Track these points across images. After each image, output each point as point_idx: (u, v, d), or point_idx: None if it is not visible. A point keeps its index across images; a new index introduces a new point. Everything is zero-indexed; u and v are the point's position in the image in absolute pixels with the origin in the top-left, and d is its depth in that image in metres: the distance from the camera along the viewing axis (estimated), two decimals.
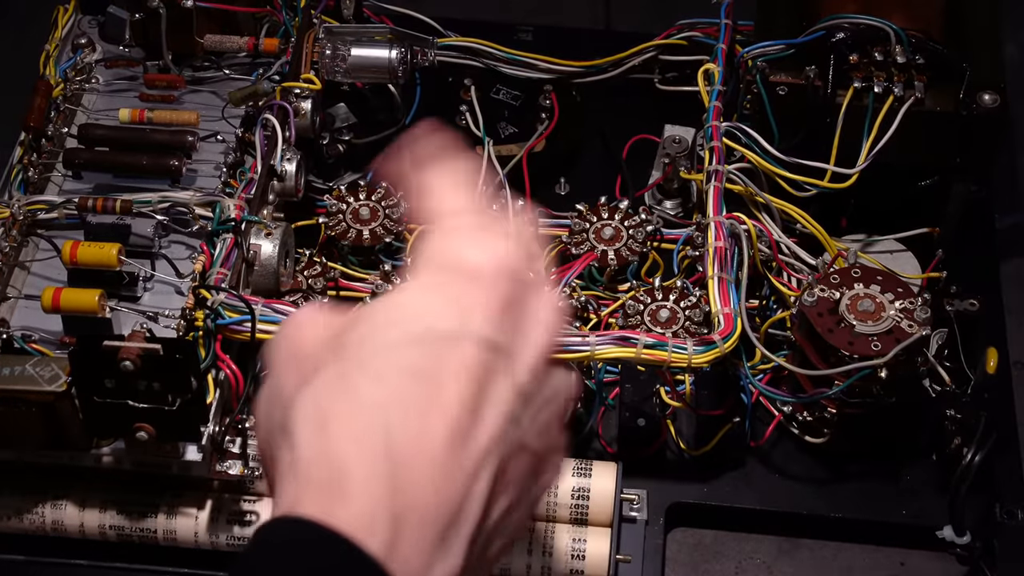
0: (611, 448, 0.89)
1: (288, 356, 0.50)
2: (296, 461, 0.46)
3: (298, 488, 0.46)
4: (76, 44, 0.97)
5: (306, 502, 0.45)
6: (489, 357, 0.48)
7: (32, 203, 0.87)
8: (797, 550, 0.88)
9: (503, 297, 0.50)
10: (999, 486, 0.85)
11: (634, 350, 0.79)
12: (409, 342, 0.48)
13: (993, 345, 0.86)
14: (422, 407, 0.47)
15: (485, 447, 0.47)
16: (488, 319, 0.49)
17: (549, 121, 1.02)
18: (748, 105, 0.93)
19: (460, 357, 0.48)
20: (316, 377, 0.48)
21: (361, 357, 0.48)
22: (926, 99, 0.90)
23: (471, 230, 0.52)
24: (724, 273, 0.85)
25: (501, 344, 0.49)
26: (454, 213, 0.53)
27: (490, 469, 0.48)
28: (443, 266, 0.51)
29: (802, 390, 0.86)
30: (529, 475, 0.52)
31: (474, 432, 0.47)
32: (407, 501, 0.45)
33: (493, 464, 0.48)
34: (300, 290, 0.92)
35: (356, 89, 1.03)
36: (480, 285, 0.50)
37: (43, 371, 0.76)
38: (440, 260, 0.51)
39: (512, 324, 0.50)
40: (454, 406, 0.47)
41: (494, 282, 0.50)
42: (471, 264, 0.50)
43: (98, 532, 0.83)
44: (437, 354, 0.48)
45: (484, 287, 0.50)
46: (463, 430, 0.47)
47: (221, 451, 0.80)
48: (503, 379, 0.49)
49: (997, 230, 0.99)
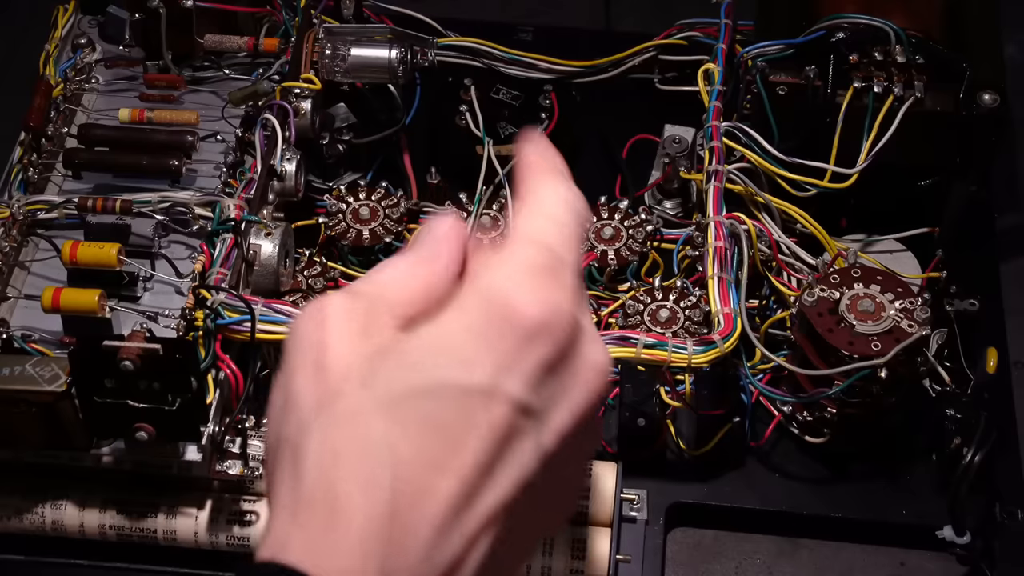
0: (611, 448, 0.89)
1: (313, 365, 0.45)
2: (298, 492, 0.44)
3: (293, 526, 0.43)
4: (76, 44, 0.97)
5: (297, 544, 0.43)
6: (519, 421, 0.44)
7: (32, 203, 0.87)
8: (797, 550, 0.88)
9: (548, 359, 0.45)
10: (999, 486, 0.85)
11: (634, 350, 0.79)
12: (437, 390, 0.44)
13: (993, 345, 0.86)
14: (436, 463, 0.43)
15: (492, 513, 0.44)
16: (526, 382, 0.44)
17: (549, 121, 1.02)
18: (748, 105, 0.93)
19: (488, 417, 0.44)
20: (337, 404, 0.44)
21: (387, 395, 0.44)
22: (926, 99, 0.90)
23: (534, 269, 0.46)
24: (724, 273, 0.85)
25: (535, 408, 0.45)
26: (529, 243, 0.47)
27: (491, 536, 0.44)
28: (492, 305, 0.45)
29: (802, 390, 0.86)
30: (532, 534, 0.49)
31: (483, 495, 0.44)
32: (399, 563, 0.42)
33: (495, 531, 0.44)
34: (300, 290, 0.92)
35: (356, 89, 1.03)
36: (526, 342, 0.44)
37: (43, 371, 0.76)
38: (490, 296, 0.45)
39: (551, 386, 0.45)
40: (468, 467, 0.43)
41: (542, 341, 0.45)
42: (522, 315, 0.45)
43: (98, 532, 0.83)
44: (464, 409, 0.44)
45: (533, 347, 0.44)
46: (472, 492, 0.43)
47: (221, 451, 0.80)
48: (528, 443, 0.45)
49: (997, 230, 0.99)
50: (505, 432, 0.44)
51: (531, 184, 0.49)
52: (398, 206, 0.97)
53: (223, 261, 0.83)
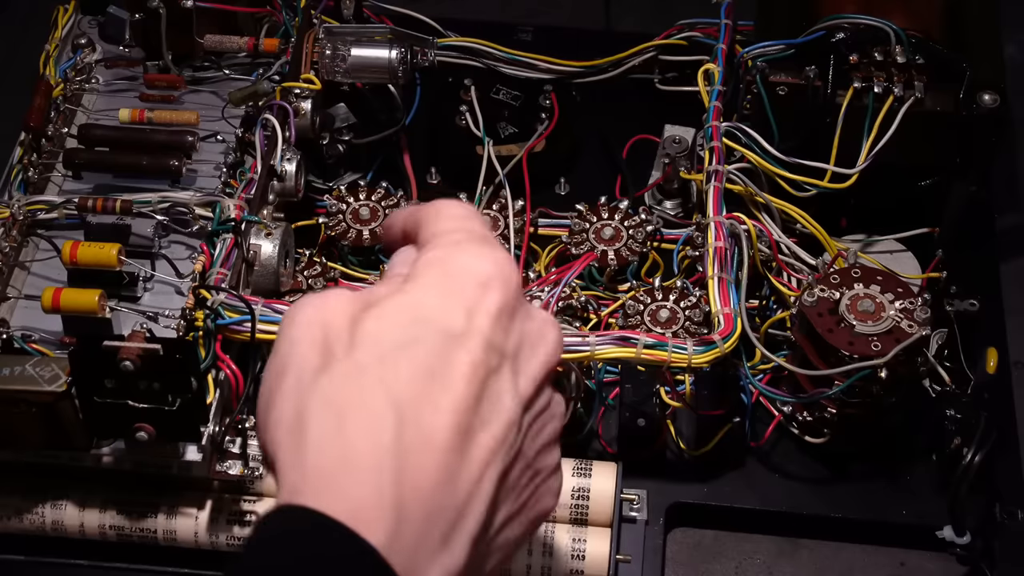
0: (611, 448, 0.89)
1: (314, 337, 0.50)
2: (304, 446, 0.47)
3: (304, 475, 0.46)
4: (76, 44, 0.97)
5: (309, 489, 0.46)
6: (493, 359, 0.50)
7: (32, 203, 0.87)
8: (797, 550, 0.88)
9: (507, 304, 0.52)
10: (999, 486, 0.85)
11: (634, 350, 0.79)
12: (422, 340, 0.49)
13: (993, 345, 0.86)
14: (431, 402, 0.48)
15: (490, 448, 0.48)
16: (493, 322, 0.50)
17: (549, 121, 1.02)
18: (748, 105, 0.93)
19: (468, 356, 0.49)
20: (335, 365, 0.49)
21: (378, 351, 0.49)
22: (926, 99, 0.90)
23: (475, 242, 0.54)
24: (724, 273, 0.85)
25: (505, 348, 0.51)
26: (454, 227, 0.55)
27: (494, 472, 0.48)
28: (451, 273, 0.52)
29: (802, 390, 0.86)
30: (529, 489, 0.52)
31: (477, 432, 0.48)
32: (412, 495, 0.46)
33: (497, 467, 0.49)
34: (300, 290, 0.92)
35: (356, 89, 1.03)
36: (487, 290, 0.51)
37: (43, 371, 0.76)
38: (447, 267, 0.52)
39: (515, 332, 0.52)
40: (459, 402, 0.48)
41: (499, 289, 0.52)
42: (474, 269, 0.52)
43: (98, 532, 0.83)
44: (447, 353, 0.49)
45: (490, 292, 0.51)
46: (467, 428, 0.48)
47: (221, 451, 0.80)
48: (506, 383, 0.50)
49: (997, 230, 1.00)
50: (484, 370, 0.49)
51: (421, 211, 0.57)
52: (398, 206, 0.97)
53: (223, 261, 0.83)
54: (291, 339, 0.51)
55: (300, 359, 0.50)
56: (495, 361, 0.50)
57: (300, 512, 0.45)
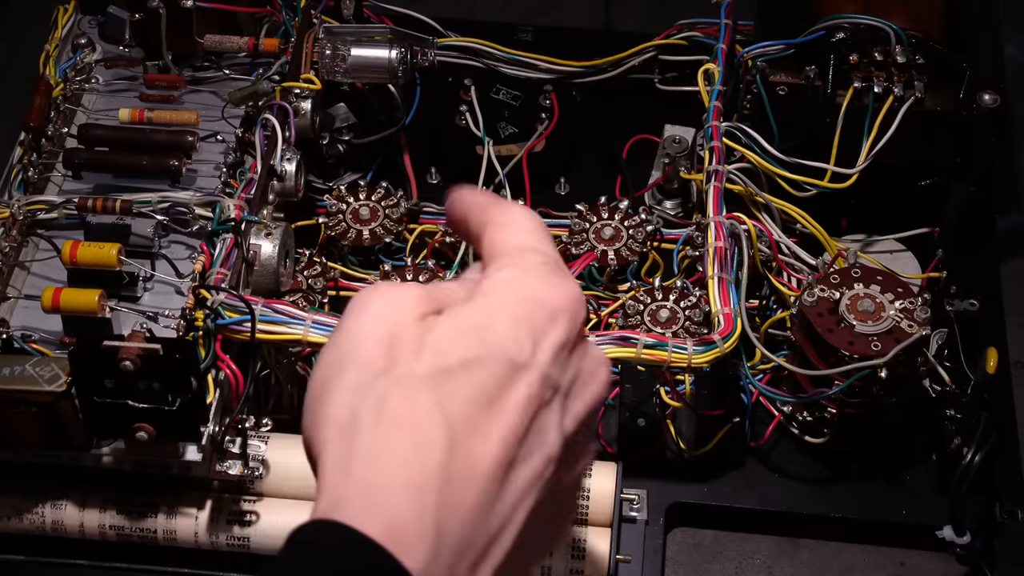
0: (611, 448, 0.89)
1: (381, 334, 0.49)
2: (353, 453, 0.46)
3: (348, 486, 0.46)
4: (76, 44, 0.97)
5: (350, 505, 0.45)
6: (547, 393, 0.49)
7: (32, 203, 0.87)
8: (797, 550, 0.88)
9: (570, 340, 0.51)
10: (999, 486, 0.85)
11: (634, 350, 0.79)
12: (485, 363, 0.48)
13: (993, 345, 0.86)
14: (481, 430, 0.47)
15: (529, 482, 0.48)
16: (554, 357, 0.50)
17: (549, 121, 1.02)
18: (748, 105, 0.93)
19: (526, 388, 0.49)
20: (397, 369, 0.48)
21: (441, 365, 0.48)
22: (926, 99, 0.90)
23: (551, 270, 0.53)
24: (724, 273, 0.85)
25: (560, 384, 0.50)
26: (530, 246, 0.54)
27: (528, 504, 0.48)
28: (525, 298, 0.51)
29: (802, 390, 0.86)
30: (553, 520, 0.52)
31: (520, 464, 0.48)
32: (451, 523, 0.45)
33: (532, 500, 0.48)
34: (300, 290, 0.92)
35: (356, 89, 1.03)
36: (555, 323, 0.51)
37: (43, 371, 0.76)
38: (523, 291, 0.51)
39: (571, 369, 0.51)
40: (509, 434, 0.48)
41: (566, 324, 0.51)
42: (546, 300, 0.51)
43: (98, 532, 0.83)
44: (507, 381, 0.48)
45: (557, 325, 0.51)
46: (513, 460, 0.48)
47: (221, 451, 0.80)
48: (554, 419, 0.50)
49: (997, 230, 1.00)
50: (537, 403, 0.49)
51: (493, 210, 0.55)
52: (398, 206, 0.97)
53: (223, 261, 0.83)
54: (358, 331, 0.50)
55: (364, 355, 0.49)
56: (548, 395, 0.49)
57: (334, 527, 0.45)
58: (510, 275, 0.52)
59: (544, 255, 0.53)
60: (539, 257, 0.53)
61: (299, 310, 0.81)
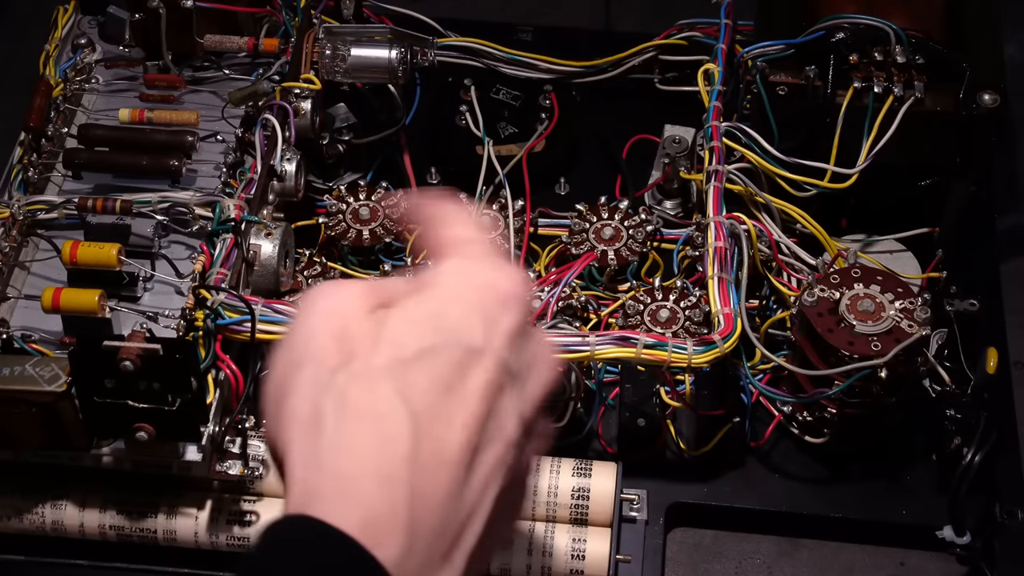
0: (611, 448, 0.89)
1: (333, 329, 0.50)
2: (320, 447, 0.47)
3: (319, 481, 0.46)
4: (76, 44, 0.97)
5: (322, 499, 0.45)
6: (504, 379, 0.50)
7: (32, 203, 0.87)
8: (797, 550, 0.88)
9: (520, 325, 0.52)
10: (999, 486, 0.85)
11: (634, 350, 0.79)
12: (442, 351, 0.49)
13: (993, 345, 0.86)
14: (445, 417, 0.47)
15: (493, 467, 0.49)
16: (508, 342, 0.50)
17: (549, 121, 1.02)
18: (748, 105, 0.93)
19: (484, 375, 0.49)
20: (355, 363, 0.48)
21: (399, 357, 0.48)
22: (926, 99, 0.90)
23: (496, 258, 0.54)
24: (724, 273, 0.85)
25: (514, 369, 0.51)
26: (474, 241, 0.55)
27: (494, 489, 0.49)
28: (475, 285, 0.52)
29: (802, 390, 0.86)
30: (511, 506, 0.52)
31: (484, 451, 0.48)
32: (423, 512, 0.46)
33: (497, 485, 0.49)
34: (300, 290, 0.92)
35: (356, 89, 1.03)
36: (506, 308, 0.51)
37: (43, 371, 0.76)
38: (471, 279, 0.52)
39: (523, 352, 0.52)
40: (472, 420, 0.48)
41: (516, 309, 0.52)
42: (496, 286, 0.52)
43: (98, 532, 0.83)
44: (465, 368, 0.49)
45: (509, 311, 0.51)
46: (477, 445, 0.48)
47: (221, 451, 0.80)
48: (512, 404, 0.50)
49: (997, 230, 0.99)
50: (496, 388, 0.49)
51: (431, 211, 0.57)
52: (398, 206, 0.97)
53: (223, 261, 0.83)
54: (309, 328, 0.50)
55: (318, 351, 0.49)
56: (505, 380, 0.50)
57: (308, 522, 0.45)
58: (456, 264, 0.53)
59: (485, 244, 0.55)
60: (481, 246, 0.54)
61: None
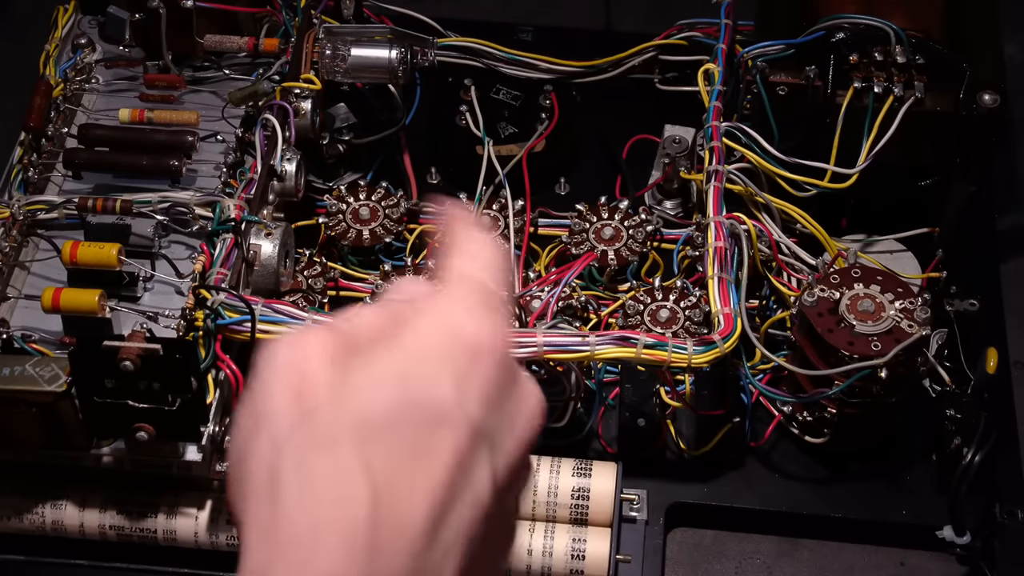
0: (611, 448, 0.89)
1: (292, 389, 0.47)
2: (275, 514, 0.44)
3: (272, 552, 0.44)
4: (76, 44, 0.97)
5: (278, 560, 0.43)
6: (478, 445, 0.47)
7: (32, 203, 0.87)
8: (797, 550, 0.88)
9: (497, 382, 0.48)
10: (999, 486, 0.85)
11: (634, 350, 0.79)
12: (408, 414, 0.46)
13: (993, 345, 0.86)
14: (409, 485, 0.45)
15: (460, 532, 0.46)
16: (482, 402, 0.47)
17: (549, 121, 1.02)
18: (748, 105, 0.93)
19: (454, 439, 0.46)
20: (312, 425, 0.46)
21: (359, 418, 0.46)
22: (926, 99, 0.90)
23: (476, 303, 0.50)
24: (724, 273, 0.85)
25: (489, 433, 0.47)
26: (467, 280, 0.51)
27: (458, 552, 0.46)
28: (443, 330, 0.49)
29: (802, 390, 0.86)
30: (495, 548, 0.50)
31: (449, 519, 0.46)
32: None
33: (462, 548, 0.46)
34: (300, 290, 0.92)
35: (356, 89, 1.03)
36: (479, 363, 0.48)
37: (43, 371, 0.76)
38: (445, 329, 0.49)
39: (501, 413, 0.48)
40: (437, 488, 0.45)
41: (491, 363, 0.48)
42: (468, 336, 0.48)
43: (98, 532, 0.83)
44: (431, 432, 0.46)
45: (482, 367, 0.48)
46: (441, 516, 0.45)
47: (221, 451, 0.80)
48: (483, 467, 0.47)
49: (997, 230, 0.99)
50: (465, 452, 0.46)
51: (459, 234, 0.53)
52: (398, 206, 0.97)
53: (223, 261, 0.83)
54: (267, 385, 0.47)
55: (275, 409, 0.46)
56: (479, 447, 0.47)
57: None
58: (435, 309, 0.50)
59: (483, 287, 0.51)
60: (475, 287, 0.51)
61: (299, 310, 0.81)
